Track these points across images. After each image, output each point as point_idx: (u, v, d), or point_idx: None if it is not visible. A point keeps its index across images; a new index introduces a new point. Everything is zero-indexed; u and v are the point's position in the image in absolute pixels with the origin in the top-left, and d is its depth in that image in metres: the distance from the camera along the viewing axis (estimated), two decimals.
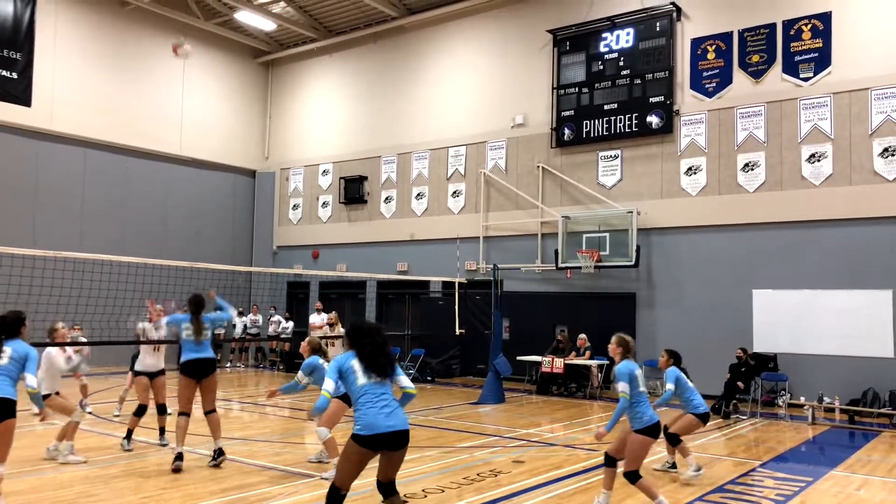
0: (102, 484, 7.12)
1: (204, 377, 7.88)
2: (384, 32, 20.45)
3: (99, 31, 19.26)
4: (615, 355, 6.55)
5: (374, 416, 4.76)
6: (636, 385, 6.22)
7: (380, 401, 4.82)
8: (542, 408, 13.42)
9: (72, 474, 7.47)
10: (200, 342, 7.90)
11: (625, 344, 6.49)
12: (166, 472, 7.66)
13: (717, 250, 14.86)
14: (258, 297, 21.02)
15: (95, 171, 19.00)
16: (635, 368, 6.34)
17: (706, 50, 15.36)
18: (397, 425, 4.79)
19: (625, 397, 6.17)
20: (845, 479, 7.97)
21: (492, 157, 18.18)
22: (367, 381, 4.87)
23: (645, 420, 6.18)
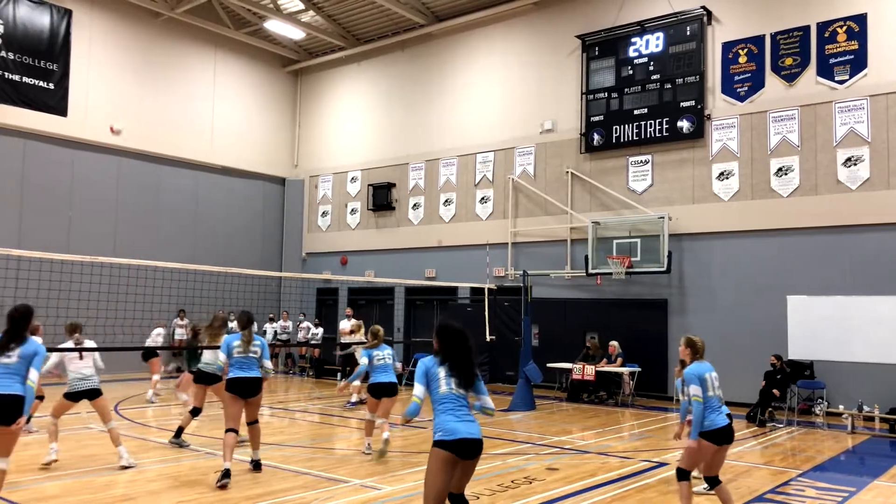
0: (139, 487, 7.18)
1: (251, 396, 7.96)
2: (412, 40, 20.53)
3: (132, 42, 19.58)
4: (685, 357, 6.39)
5: (455, 423, 4.74)
6: (707, 388, 6.04)
7: (459, 409, 4.81)
8: (573, 415, 13.31)
9: (109, 478, 7.55)
10: (247, 357, 7.94)
11: (693, 345, 6.32)
12: (202, 476, 7.71)
13: (750, 256, 14.65)
14: (288, 304, 21.15)
15: (129, 178, 19.30)
16: (706, 371, 6.14)
17: (738, 53, 15.19)
18: (475, 434, 4.78)
19: (698, 401, 5.97)
20: (889, 490, 7.78)
21: (520, 162, 18.13)
22: (448, 390, 4.84)
23: (706, 424, 5.98)
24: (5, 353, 5.90)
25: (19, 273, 13.18)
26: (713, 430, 5.97)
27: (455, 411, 4.80)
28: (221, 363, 8.05)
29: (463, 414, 4.82)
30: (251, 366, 7.96)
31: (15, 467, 7.97)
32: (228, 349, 7.93)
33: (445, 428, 4.74)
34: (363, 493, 7.16)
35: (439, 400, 4.84)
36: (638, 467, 8.62)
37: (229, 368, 7.91)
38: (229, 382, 7.93)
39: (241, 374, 7.88)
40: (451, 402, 4.82)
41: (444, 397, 4.83)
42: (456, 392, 4.86)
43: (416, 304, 20.13)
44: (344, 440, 10.71)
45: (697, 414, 5.98)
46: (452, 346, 4.99)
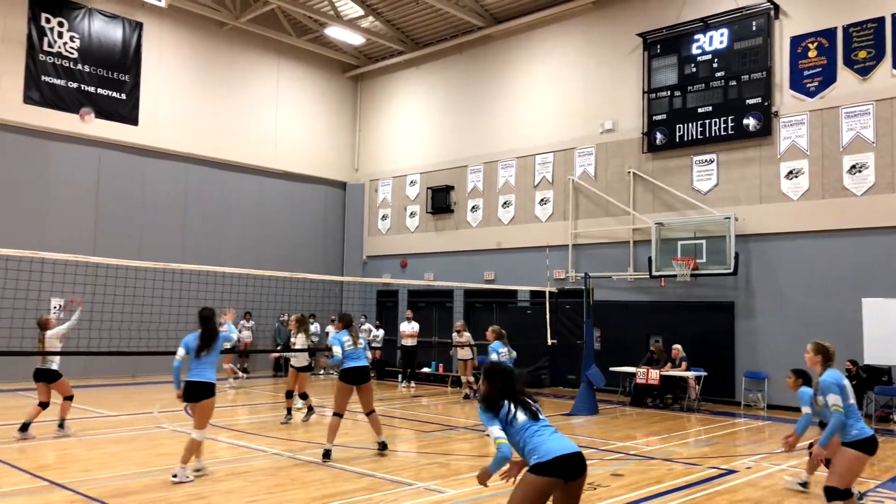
0: (210, 486, 7.38)
1: (361, 383, 9.03)
2: (470, 42, 20.57)
3: (199, 52, 20.19)
4: (814, 365, 6.04)
5: (546, 442, 4.36)
6: (846, 396, 5.73)
7: (546, 429, 4.45)
8: (637, 420, 13.10)
9: None
10: (356, 350, 9.05)
11: (824, 351, 5.97)
12: (270, 475, 7.88)
13: (821, 257, 14.15)
14: (349, 306, 21.40)
15: (196, 185, 19.89)
16: (843, 378, 5.83)
17: (807, 48, 14.70)
18: (572, 446, 4.37)
19: (839, 410, 5.62)
20: None
21: (580, 163, 17.95)
22: (526, 418, 4.48)
23: (854, 433, 5.66)
24: (205, 350, 7.72)
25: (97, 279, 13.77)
26: (864, 439, 5.63)
27: (542, 432, 4.42)
28: (338, 354, 8.92)
29: (552, 432, 4.45)
30: (359, 357, 9.06)
31: (95, 464, 8.33)
32: (340, 344, 8.95)
33: (540, 451, 4.31)
34: (427, 496, 7.19)
35: (520, 430, 4.44)
36: (705, 474, 8.42)
37: (343, 361, 8.98)
38: (342, 373, 9.04)
39: (353, 364, 8.96)
40: (534, 426, 4.45)
41: (525, 425, 4.45)
42: (536, 416, 4.52)
43: (475, 306, 20.13)
44: (407, 442, 10.79)
45: (836, 423, 5.65)
46: (505, 383, 4.61)
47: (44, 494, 6.97)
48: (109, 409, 12.84)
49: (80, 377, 17.08)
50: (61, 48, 17.50)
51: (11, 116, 16.69)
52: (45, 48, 17.26)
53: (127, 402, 13.88)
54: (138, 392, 15.61)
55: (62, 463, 8.47)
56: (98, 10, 18.16)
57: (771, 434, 11.71)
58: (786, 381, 7.73)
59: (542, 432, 4.42)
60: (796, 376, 7.55)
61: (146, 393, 15.37)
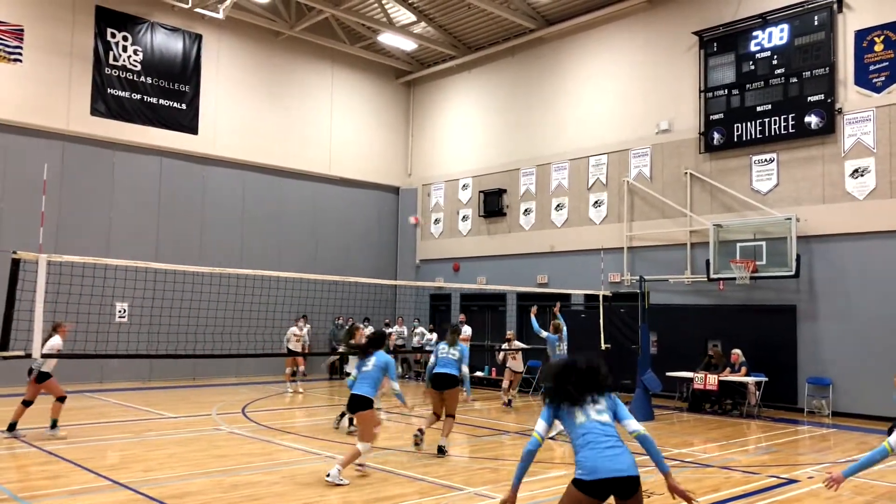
0: (264, 489, 7.52)
1: (444, 389, 9.69)
2: (522, 45, 20.49)
3: (255, 62, 20.66)
4: None
5: (595, 459, 4.12)
6: None
7: (602, 440, 4.18)
8: (694, 426, 12.80)
9: (235, 478, 7.94)
10: (447, 357, 9.77)
11: None
12: (318, 480, 7.97)
13: (889, 258, 13.58)
14: (402, 310, 21.58)
15: (253, 191, 20.34)
16: None
17: (873, 42, 14.15)
18: (623, 469, 4.09)
19: None
20: None
21: (635, 164, 17.67)
22: (586, 419, 4.27)
23: None
24: (364, 362, 8.36)
25: (157, 284, 14.19)
26: None
27: (597, 443, 4.17)
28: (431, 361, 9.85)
29: (607, 445, 4.17)
30: (448, 364, 9.71)
31: (155, 465, 8.58)
32: (436, 351, 9.93)
33: (585, 466, 4.13)
34: (477, 501, 7.18)
35: (576, 432, 4.28)
36: (765, 483, 8.17)
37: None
38: (431, 378, 9.82)
39: (438, 370, 9.73)
40: (593, 432, 4.22)
41: (579, 428, 4.27)
42: (597, 420, 4.25)
43: (528, 310, 19.97)
44: (459, 446, 10.78)
45: None
46: (561, 379, 4.41)
47: (108, 493, 7.21)
48: (170, 410, 13.21)
49: (143, 380, 17.69)
50: (125, 61, 18.14)
51: (80, 128, 17.37)
52: (111, 62, 17.91)
53: (186, 404, 14.27)
54: (197, 394, 16.02)
55: (124, 463, 8.75)
56: (160, 24, 18.76)
57: (836, 442, 11.30)
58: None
59: (595, 444, 4.16)
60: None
61: (205, 395, 15.77)
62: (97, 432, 10.60)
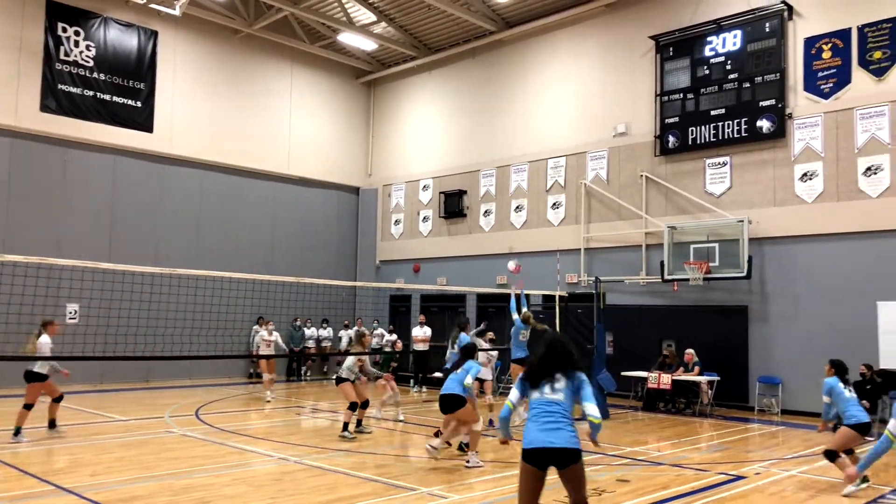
0: (215, 491, 7.42)
1: (452, 411, 9.06)
2: (483, 47, 20.57)
3: (213, 59, 20.37)
4: None
5: (531, 431, 4.75)
6: None
7: (542, 416, 4.76)
8: (648, 425, 12.99)
9: (186, 481, 7.82)
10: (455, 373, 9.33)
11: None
12: (275, 480, 7.91)
13: (836, 260, 13.97)
14: (362, 311, 21.49)
15: (211, 191, 20.04)
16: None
17: (821, 49, 14.53)
18: (552, 441, 4.65)
19: None
20: None
21: (592, 167, 17.86)
22: (539, 395, 4.88)
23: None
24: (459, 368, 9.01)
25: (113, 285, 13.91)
26: None
27: (538, 418, 4.77)
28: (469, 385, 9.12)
29: (549, 420, 4.71)
30: (452, 384, 9.07)
31: (103, 469, 8.40)
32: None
33: (525, 437, 4.75)
34: (429, 500, 7.18)
35: (530, 408, 4.90)
36: (714, 480, 8.33)
37: None
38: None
39: (442, 391, 9.13)
40: (539, 408, 4.82)
41: (532, 402, 4.88)
42: (547, 397, 4.82)
43: (488, 311, 20.08)
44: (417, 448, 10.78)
45: None
46: (540, 358, 5.04)
47: (51, 498, 7.03)
48: (121, 413, 12.95)
49: (94, 382, 17.30)
50: (77, 57, 17.74)
51: (29, 125, 16.93)
52: (62, 57, 17.49)
53: (138, 407, 14.00)
54: (150, 397, 15.73)
55: (71, 468, 8.55)
56: (114, 19, 18.39)
57: (784, 440, 11.57)
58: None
59: (537, 418, 4.74)
60: (830, 365, 8.48)
61: (158, 398, 15.49)
62: (44, 436, 10.33)
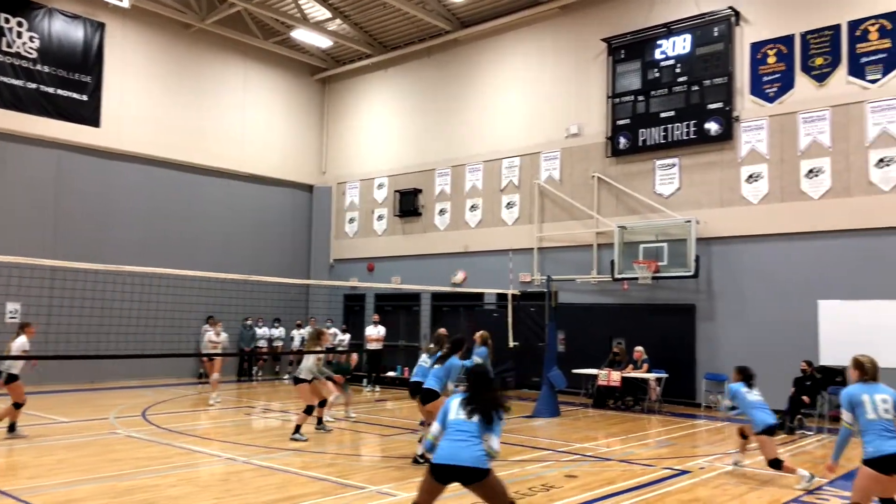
0: (160, 492, 7.28)
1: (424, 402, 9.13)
2: (438, 46, 20.59)
3: (164, 54, 19.96)
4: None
5: (442, 447, 5.02)
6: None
7: (458, 433, 5.04)
8: (598, 422, 13.18)
9: (129, 483, 7.66)
10: (421, 366, 9.71)
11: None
12: (222, 480, 7.80)
13: (780, 260, 14.36)
14: (315, 310, 21.29)
15: (160, 188, 19.63)
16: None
17: (766, 54, 14.93)
18: (456, 458, 4.92)
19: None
20: None
21: (546, 167, 18.03)
22: (457, 417, 5.13)
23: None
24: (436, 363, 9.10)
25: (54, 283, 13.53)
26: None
27: (451, 435, 5.04)
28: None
29: (459, 439, 4.98)
30: (422, 373, 9.44)
31: (44, 471, 8.18)
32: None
33: (436, 451, 5.03)
34: (378, 499, 7.16)
35: (446, 427, 5.14)
36: (660, 475, 8.49)
37: None
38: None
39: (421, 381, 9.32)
40: (454, 427, 5.07)
41: (450, 422, 5.12)
42: (460, 418, 5.09)
43: (442, 310, 20.11)
44: (367, 446, 10.76)
45: None
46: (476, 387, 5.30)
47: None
48: (64, 415, 12.61)
49: (35, 384, 16.77)
50: (20, 48, 17.19)
51: None
52: (4, 48, 16.93)
53: (83, 408, 13.65)
54: (96, 397, 15.35)
55: (11, 470, 8.30)
56: (58, 10, 17.88)
57: (729, 435, 11.83)
58: None
59: (450, 435, 5.02)
60: (736, 372, 8.78)
61: (104, 398, 15.12)
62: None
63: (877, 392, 5.74)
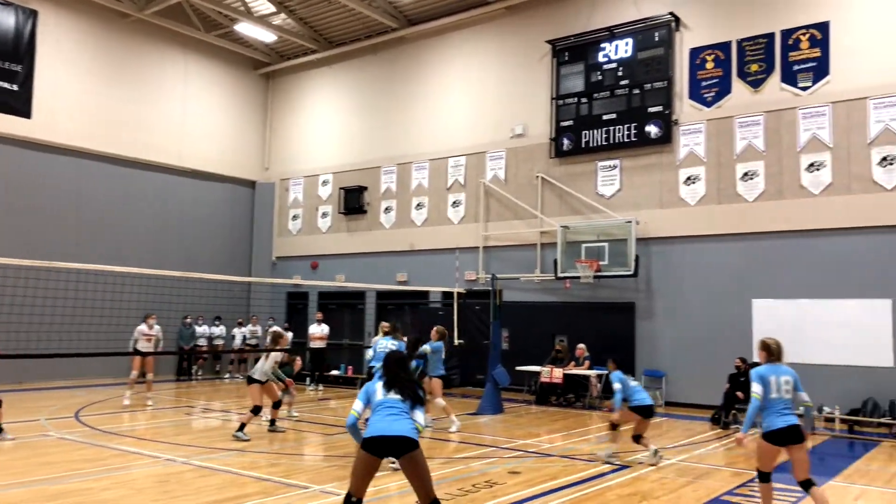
0: (93, 496, 7.06)
1: None
2: (384, 44, 20.51)
3: (100, 43, 19.34)
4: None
5: (375, 423, 5.20)
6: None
7: (387, 409, 5.26)
8: (540, 418, 13.35)
9: (61, 486, 7.41)
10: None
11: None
12: (160, 482, 7.61)
13: (716, 260, 14.81)
14: (257, 308, 21.00)
15: (95, 181, 19.01)
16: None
17: (705, 59, 15.36)
18: (394, 430, 5.12)
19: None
20: (843, 490, 7.90)
21: (491, 167, 18.17)
22: (384, 396, 5.36)
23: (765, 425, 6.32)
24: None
25: None
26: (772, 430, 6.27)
27: (383, 412, 5.25)
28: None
29: (391, 413, 5.21)
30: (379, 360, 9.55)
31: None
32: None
33: (368, 428, 5.21)
34: (322, 498, 7.11)
35: (374, 406, 5.36)
36: (599, 470, 8.66)
37: None
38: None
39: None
40: (384, 405, 5.30)
41: (379, 402, 5.34)
42: (389, 397, 5.33)
43: (387, 308, 20.06)
44: (310, 445, 10.65)
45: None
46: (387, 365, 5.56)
47: None
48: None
49: None
50: None
51: None
52: None
53: (10, 411, 13.06)
54: (24, 399, 14.76)
55: None
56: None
57: (667, 429, 12.14)
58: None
59: (381, 412, 5.23)
60: (612, 361, 9.78)
61: (34, 400, 14.56)
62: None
63: (781, 373, 6.38)
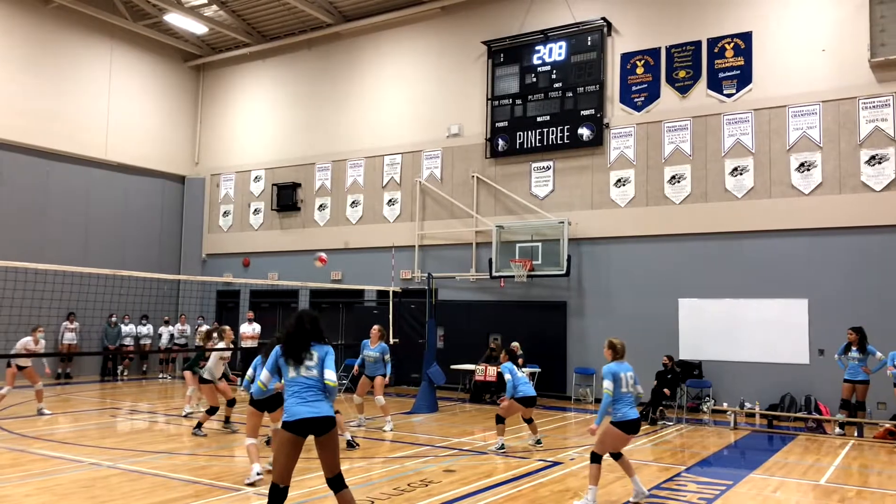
0: (14, 502, 6.77)
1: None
2: (319, 39, 20.29)
3: (19, 30, 18.48)
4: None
5: (294, 405, 5.23)
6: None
7: (303, 391, 5.27)
8: (475, 416, 13.48)
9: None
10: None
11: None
12: (85, 487, 7.37)
13: (644, 260, 15.25)
14: (186, 307, 20.49)
15: (12, 174, 18.17)
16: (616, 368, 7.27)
17: (635, 65, 15.78)
18: (314, 412, 5.21)
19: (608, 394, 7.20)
20: (763, 482, 8.26)
21: (427, 166, 18.22)
22: (296, 375, 5.33)
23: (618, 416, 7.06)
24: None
25: None
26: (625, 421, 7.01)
27: (300, 393, 5.26)
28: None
29: (309, 396, 5.25)
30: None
31: None
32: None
33: (288, 411, 5.23)
34: (255, 500, 7.01)
35: (287, 385, 5.35)
36: (533, 467, 8.82)
37: None
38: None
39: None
40: (298, 384, 5.30)
41: (291, 381, 5.33)
42: (304, 375, 5.31)
43: (321, 307, 19.86)
44: (242, 447, 10.45)
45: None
46: (290, 334, 5.49)
47: None
48: None
49: None
50: None
51: None
52: None
53: None
54: None
55: None
56: None
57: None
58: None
59: (299, 394, 5.25)
60: (505, 353, 10.48)
61: None
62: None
63: (626, 370, 7.27)
